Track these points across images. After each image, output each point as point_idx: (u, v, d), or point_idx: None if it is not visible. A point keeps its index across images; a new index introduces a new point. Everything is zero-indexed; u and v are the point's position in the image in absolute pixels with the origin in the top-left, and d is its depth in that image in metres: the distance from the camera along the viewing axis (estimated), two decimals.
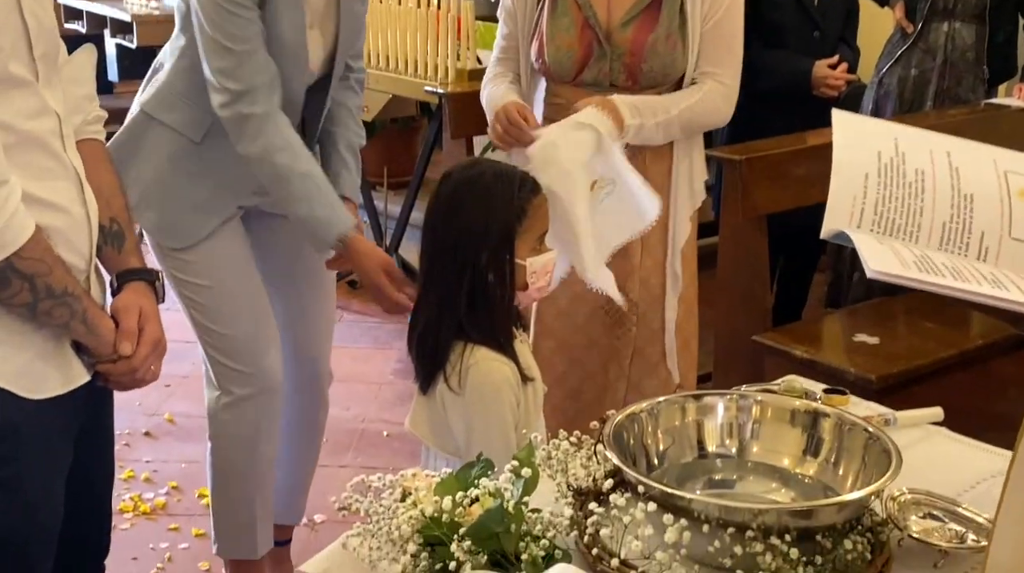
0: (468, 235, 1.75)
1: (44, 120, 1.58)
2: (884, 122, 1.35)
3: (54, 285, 1.54)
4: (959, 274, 1.09)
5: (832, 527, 1.27)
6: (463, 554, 1.23)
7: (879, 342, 2.94)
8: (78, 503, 1.76)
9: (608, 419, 1.40)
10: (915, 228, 1.20)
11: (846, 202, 1.21)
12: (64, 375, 1.63)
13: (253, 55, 2.03)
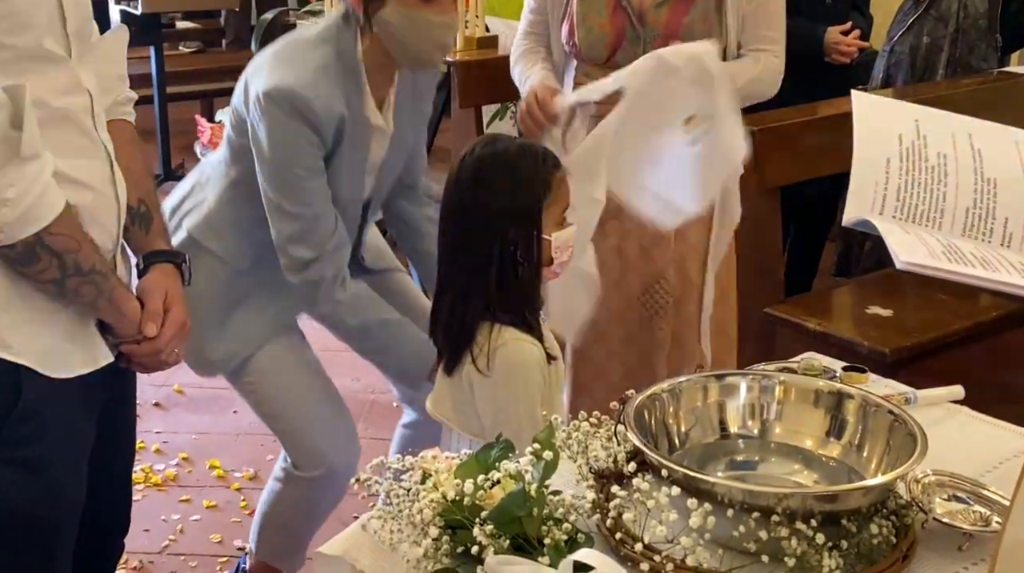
0: (496, 212, 1.72)
1: (77, 97, 1.56)
2: (904, 103, 1.32)
3: (82, 262, 1.54)
4: (988, 264, 1.07)
5: (857, 511, 1.26)
6: (485, 538, 1.22)
7: (892, 314, 2.92)
8: (99, 481, 1.76)
9: (629, 400, 1.39)
10: (938, 214, 1.18)
11: (868, 189, 1.19)
12: (88, 355, 1.62)
13: (321, 218, 1.97)
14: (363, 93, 1.97)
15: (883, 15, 3.92)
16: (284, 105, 1.89)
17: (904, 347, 2.77)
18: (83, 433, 1.66)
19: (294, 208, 1.96)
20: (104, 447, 1.74)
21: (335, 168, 1.98)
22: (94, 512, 1.75)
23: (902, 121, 1.25)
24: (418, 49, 1.92)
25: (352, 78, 1.95)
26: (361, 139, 1.98)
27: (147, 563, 2.75)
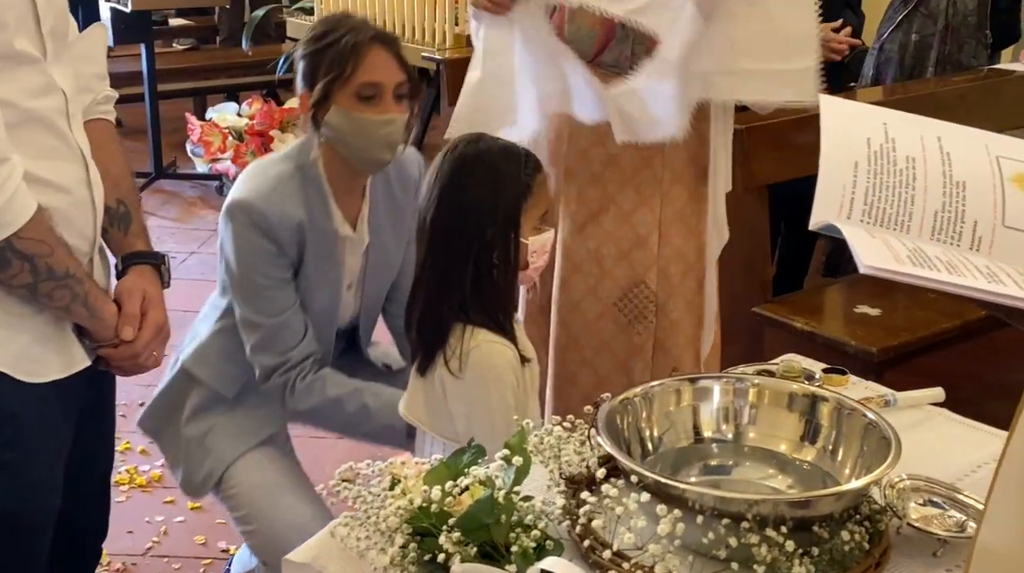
0: (475, 213, 1.70)
1: (50, 98, 1.54)
2: (872, 106, 1.30)
3: (55, 266, 1.52)
4: (954, 268, 1.05)
5: (829, 517, 1.24)
6: (452, 546, 1.20)
7: (880, 314, 2.91)
8: (78, 484, 1.75)
9: (601, 404, 1.38)
10: (906, 218, 1.15)
11: (835, 192, 1.17)
12: (64, 359, 1.61)
13: (285, 326, 1.98)
14: (327, 203, 1.98)
15: (876, 13, 3.90)
16: (241, 217, 1.93)
17: (892, 347, 2.76)
18: (60, 436, 1.65)
19: (258, 317, 1.98)
20: (83, 450, 1.73)
21: (306, 278, 2.00)
22: (72, 515, 1.74)
23: (870, 124, 1.23)
24: (365, 149, 1.93)
25: (314, 188, 1.97)
26: (330, 250, 1.98)
27: (130, 565, 2.73)
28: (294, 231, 1.94)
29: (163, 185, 5.56)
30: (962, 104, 3.38)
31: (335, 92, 1.91)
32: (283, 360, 1.97)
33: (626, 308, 2.32)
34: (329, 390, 1.98)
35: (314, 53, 1.94)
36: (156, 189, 5.50)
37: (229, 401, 2.08)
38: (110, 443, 1.89)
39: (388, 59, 1.92)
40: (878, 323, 2.87)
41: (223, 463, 2.03)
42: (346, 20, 1.97)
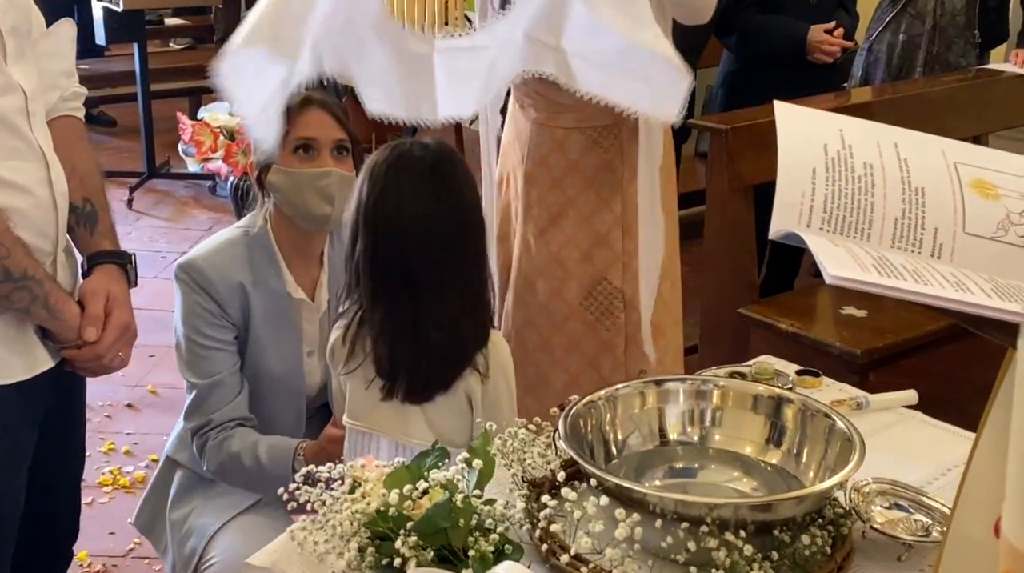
0: (479, 222, 1.69)
1: (8, 98, 1.53)
2: (827, 113, 1.29)
3: (12, 268, 1.51)
4: (920, 277, 1.04)
5: (791, 520, 1.23)
6: (408, 550, 1.19)
7: (866, 315, 2.90)
8: (47, 486, 1.73)
9: (567, 406, 1.37)
10: (866, 225, 1.14)
11: (794, 200, 1.15)
12: (27, 361, 1.60)
13: (215, 387, 1.97)
14: (278, 267, 1.99)
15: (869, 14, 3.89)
16: (184, 277, 1.96)
17: (876, 348, 2.75)
18: (23, 439, 1.64)
19: (192, 377, 1.98)
20: (51, 452, 1.72)
21: (257, 341, 1.99)
22: (40, 517, 1.73)
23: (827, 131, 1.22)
24: (303, 204, 1.94)
25: (263, 253, 1.99)
26: (282, 312, 1.98)
27: (111, 566, 2.72)
28: (235, 291, 1.96)
29: (156, 185, 5.55)
30: (951, 104, 3.37)
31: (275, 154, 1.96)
32: (205, 421, 1.97)
33: (592, 306, 2.31)
34: (232, 446, 1.96)
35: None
36: (149, 189, 5.49)
37: (209, 481, 2.07)
38: (80, 445, 1.88)
39: (323, 117, 1.96)
40: (864, 324, 2.86)
41: (204, 538, 2.02)
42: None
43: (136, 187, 5.39)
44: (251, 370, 2.00)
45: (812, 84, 3.52)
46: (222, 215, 5.13)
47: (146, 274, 4.45)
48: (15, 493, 1.63)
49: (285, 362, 1.97)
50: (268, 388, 2.01)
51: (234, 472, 1.97)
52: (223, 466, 1.97)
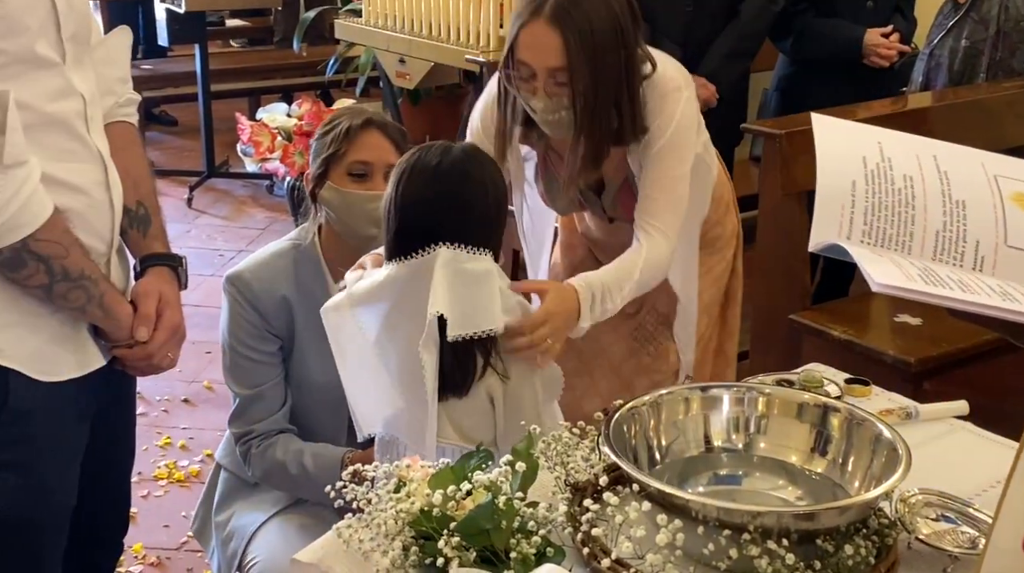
0: (486, 228, 1.69)
1: (68, 102, 1.57)
2: (865, 126, 1.28)
3: (70, 268, 1.54)
4: (966, 286, 1.04)
5: (835, 530, 1.23)
6: (451, 550, 1.21)
7: (921, 323, 2.86)
8: (97, 481, 1.76)
9: (611, 411, 1.37)
10: (907, 238, 1.14)
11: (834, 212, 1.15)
12: (79, 359, 1.63)
13: (257, 398, 2.01)
14: (325, 279, 2.02)
15: (927, 18, 3.84)
16: (231, 289, 2.01)
17: (931, 357, 2.72)
18: (74, 436, 1.66)
19: (235, 387, 2.02)
20: (102, 448, 1.75)
21: (301, 352, 2.02)
22: (90, 512, 1.76)
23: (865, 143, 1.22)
24: (353, 224, 1.98)
25: (310, 265, 2.02)
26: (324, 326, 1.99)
27: (164, 559, 2.77)
28: (279, 304, 1.99)
29: (215, 184, 5.64)
30: (1011, 111, 3.32)
31: (330, 170, 1.99)
32: (248, 430, 2.00)
33: (639, 334, 2.32)
34: (277, 454, 1.99)
35: (319, 137, 2.04)
36: (208, 187, 5.58)
37: (251, 484, 2.11)
38: (130, 442, 1.90)
39: (381, 141, 1.99)
40: (918, 333, 2.83)
41: (243, 539, 2.06)
42: (348, 109, 2.10)
43: (196, 186, 5.48)
44: (295, 380, 2.04)
45: (868, 88, 3.48)
46: (279, 214, 5.20)
47: (203, 272, 4.53)
48: (68, 487, 1.66)
49: (328, 373, 2.00)
50: (311, 397, 2.04)
51: (280, 480, 2.01)
52: (268, 474, 2.01)
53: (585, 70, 1.87)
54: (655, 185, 2.03)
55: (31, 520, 1.61)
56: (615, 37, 1.90)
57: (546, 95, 1.91)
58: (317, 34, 5.99)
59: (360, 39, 4.54)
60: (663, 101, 2.01)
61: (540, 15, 1.88)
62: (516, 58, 1.92)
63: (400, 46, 4.17)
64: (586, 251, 2.34)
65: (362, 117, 2.00)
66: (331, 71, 5.38)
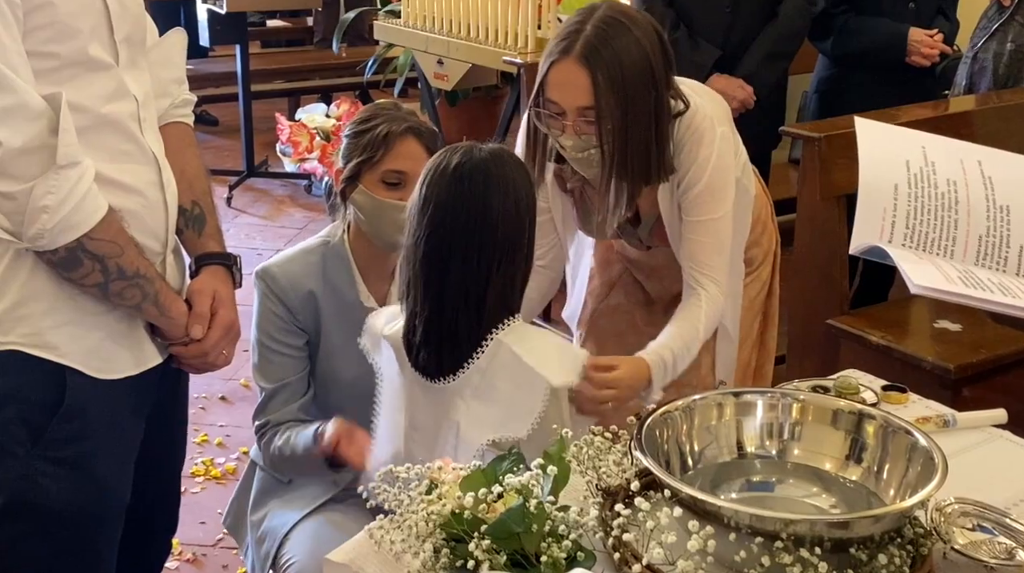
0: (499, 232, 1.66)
1: (122, 103, 1.59)
2: (909, 130, 1.27)
3: (125, 266, 1.56)
4: (1007, 290, 1.02)
5: (869, 538, 1.22)
6: (481, 553, 1.21)
7: (961, 329, 2.83)
8: (149, 479, 1.78)
9: (644, 415, 1.37)
10: (950, 242, 1.13)
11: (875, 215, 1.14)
12: (136, 356, 1.65)
13: (279, 393, 2.02)
14: (352, 276, 2.03)
15: (971, 21, 3.79)
16: (260, 284, 2.03)
17: (970, 364, 2.68)
18: (130, 433, 1.68)
19: (261, 381, 2.03)
20: (155, 446, 1.77)
21: (328, 348, 2.04)
22: (143, 510, 1.77)
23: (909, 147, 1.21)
24: (381, 230, 1.98)
25: (339, 263, 2.03)
26: (353, 322, 2.00)
27: (200, 556, 2.80)
28: (306, 299, 2.00)
29: (254, 183, 5.68)
30: None
31: (363, 174, 1.98)
32: (263, 421, 2.02)
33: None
34: (277, 441, 2.00)
35: (354, 135, 2.02)
36: (247, 187, 5.62)
37: (284, 483, 2.12)
38: (181, 440, 1.92)
39: (418, 150, 1.97)
40: (958, 339, 2.79)
41: (276, 541, 2.08)
42: (388, 109, 2.04)
43: (235, 185, 5.52)
44: (322, 376, 2.05)
45: (910, 92, 3.45)
46: (317, 214, 5.23)
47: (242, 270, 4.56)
48: (123, 485, 1.68)
49: (354, 368, 2.01)
50: (337, 392, 2.05)
51: (280, 464, 2.02)
52: (272, 461, 2.02)
53: (614, 110, 1.87)
54: (699, 228, 2.03)
55: (89, 516, 1.63)
56: (646, 78, 1.90)
57: (575, 133, 1.91)
58: (357, 35, 6.02)
59: (399, 40, 4.56)
60: (699, 145, 2.00)
61: (570, 54, 1.88)
62: (545, 96, 1.93)
63: (438, 47, 4.18)
64: (623, 267, 2.34)
65: (402, 124, 1.99)
66: (370, 72, 5.40)
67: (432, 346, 1.66)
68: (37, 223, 1.47)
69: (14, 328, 1.54)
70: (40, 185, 1.46)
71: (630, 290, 2.34)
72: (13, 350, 1.55)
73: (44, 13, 1.47)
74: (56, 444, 1.58)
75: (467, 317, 1.63)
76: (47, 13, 1.47)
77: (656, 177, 1.99)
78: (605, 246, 2.36)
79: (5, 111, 1.43)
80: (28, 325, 1.55)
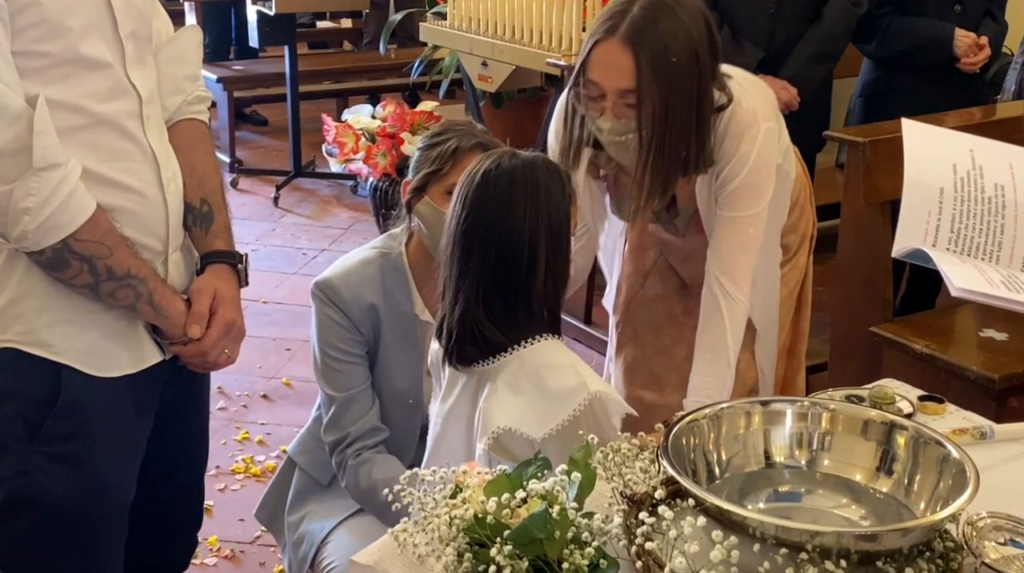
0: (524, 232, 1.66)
1: (121, 102, 1.59)
2: (958, 132, 1.25)
3: (115, 267, 1.55)
4: None
5: (897, 551, 1.20)
6: (503, 559, 1.21)
7: (1008, 338, 2.78)
8: (168, 479, 1.79)
9: (671, 423, 1.36)
10: (995, 247, 1.11)
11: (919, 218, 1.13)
12: (135, 355, 1.65)
13: (352, 403, 2.04)
14: (409, 288, 2.05)
15: (1020, 23, 3.73)
16: (320, 294, 2.04)
17: (1017, 373, 2.63)
18: (132, 430, 1.68)
19: (329, 391, 2.04)
20: (170, 442, 1.78)
21: (385, 359, 2.05)
22: (163, 505, 1.79)
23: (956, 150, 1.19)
24: (440, 241, 1.96)
25: (396, 274, 2.05)
26: (409, 332, 2.04)
27: (238, 552, 2.82)
28: (366, 311, 2.02)
29: (301, 183, 5.73)
30: None
31: (430, 186, 1.99)
32: (343, 435, 2.02)
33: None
34: (374, 473, 1.98)
35: (426, 147, 2.05)
36: (294, 187, 5.67)
37: (323, 486, 2.14)
38: (201, 436, 1.92)
39: None
40: (1004, 348, 2.74)
41: (313, 545, 2.09)
42: (462, 126, 2.07)
43: (282, 185, 5.57)
44: (375, 386, 2.06)
45: (957, 95, 3.40)
46: (361, 215, 5.26)
47: (287, 270, 4.60)
48: (125, 481, 1.68)
49: (407, 379, 2.02)
50: (389, 403, 2.07)
51: (368, 503, 2.02)
52: (361, 494, 2.01)
53: (656, 95, 1.84)
54: (730, 225, 2.01)
55: (87, 512, 1.63)
56: (690, 65, 1.86)
57: (614, 116, 1.88)
58: (407, 36, 6.04)
59: (444, 42, 4.57)
60: (740, 139, 1.97)
61: (615, 34, 1.85)
62: (586, 76, 1.90)
63: (483, 49, 4.18)
64: (657, 253, 2.32)
65: (471, 140, 2.00)
66: (416, 73, 5.42)
67: (455, 344, 1.68)
68: (20, 225, 1.47)
69: (10, 326, 1.56)
70: (19, 187, 1.46)
71: (666, 277, 2.32)
72: (9, 348, 1.56)
73: (32, 12, 1.47)
74: (53, 440, 1.59)
75: (488, 321, 1.64)
76: (34, 12, 1.47)
77: (694, 168, 1.96)
78: (639, 231, 2.34)
79: None
80: (23, 323, 1.56)
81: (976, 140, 1.21)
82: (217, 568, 2.77)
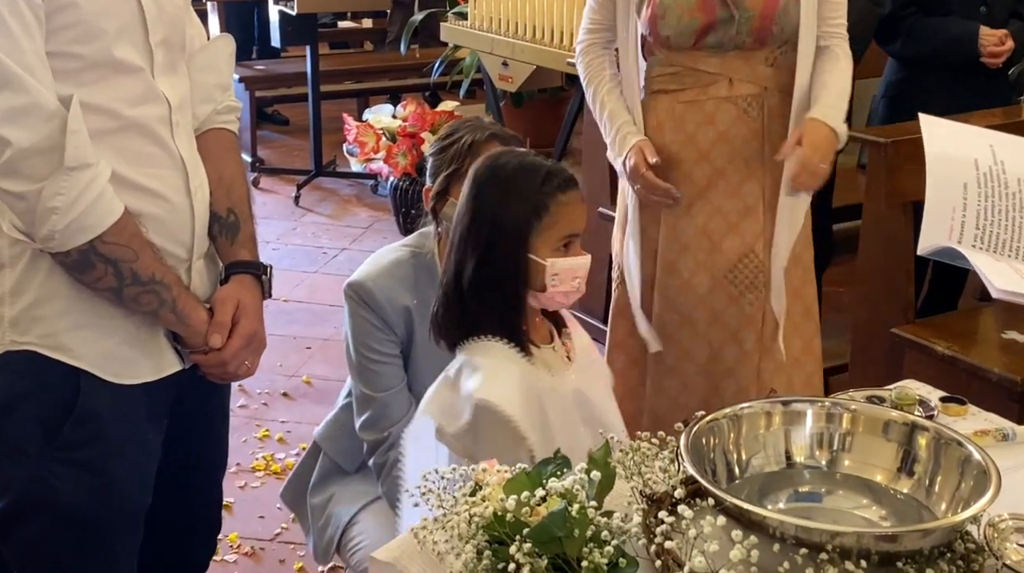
0: (485, 225, 1.67)
1: (150, 107, 1.59)
2: (977, 128, 1.24)
3: (140, 271, 1.54)
4: None
5: (918, 552, 1.19)
6: (523, 557, 1.21)
7: None
8: (186, 484, 1.78)
9: (691, 422, 1.36)
10: (1022, 243, 1.10)
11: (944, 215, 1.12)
12: (155, 363, 1.64)
13: (391, 403, 2.05)
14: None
15: None
16: (354, 296, 2.05)
17: None
18: (149, 437, 1.67)
19: (367, 391, 2.05)
20: (191, 450, 1.77)
21: (416, 361, 2.06)
22: (183, 511, 1.79)
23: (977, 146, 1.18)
24: None
25: (427, 275, 2.05)
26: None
27: (258, 549, 2.84)
28: (401, 313, 2.03)
29: (322, 182, 5.74)
30: None
31: (453, 186, 1.99)
32: (384, 436, 2.03)
33: (736, 279, 2.34)
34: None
35: (439, 151, 2.05)
36: (315, 186, 5.69)
37: (346, 471, 2.15)
38: (221, 444, 1.90)
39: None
40: None
41: (339, 528, 2.09)
42: (470, 122, 2.09)
43: (303, 184, 5.59)
44: (409, 386, 2.07)
45: (982, 96, 3.37)
46: (382, 214, 5.28)
47: (307, 269, 4.62)
48: (141, 487, 1.67)
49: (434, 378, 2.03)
50: None
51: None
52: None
53: None
54: None
55: (103, 519, 1.62)
56: None
57: None
58: (430, 35, 6.05)
59: (465, 42, 4.58)
60: None
61: None
62: None
63: (503, 49, 4.19)
64: None
65: (484, 132, 2.01)
66: (437, 73, 5.43)
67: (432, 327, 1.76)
68: (47, 224, 1.47)
69: (31, 329, 1.55)
70: (49, 186, 1.45)
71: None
72: (30, 351, 1.55)
73: (68, 13, 1.47)
74: (70, 446, 1.58)
75: (453, 310, 1.71)
76: (71, 13, 1.48)
77: None
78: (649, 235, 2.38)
79: (18, 111, 1.43)
80: (44, 326, 1.55)
81: (996, 135, 1.20)
82: (237, 565, 2.78)
